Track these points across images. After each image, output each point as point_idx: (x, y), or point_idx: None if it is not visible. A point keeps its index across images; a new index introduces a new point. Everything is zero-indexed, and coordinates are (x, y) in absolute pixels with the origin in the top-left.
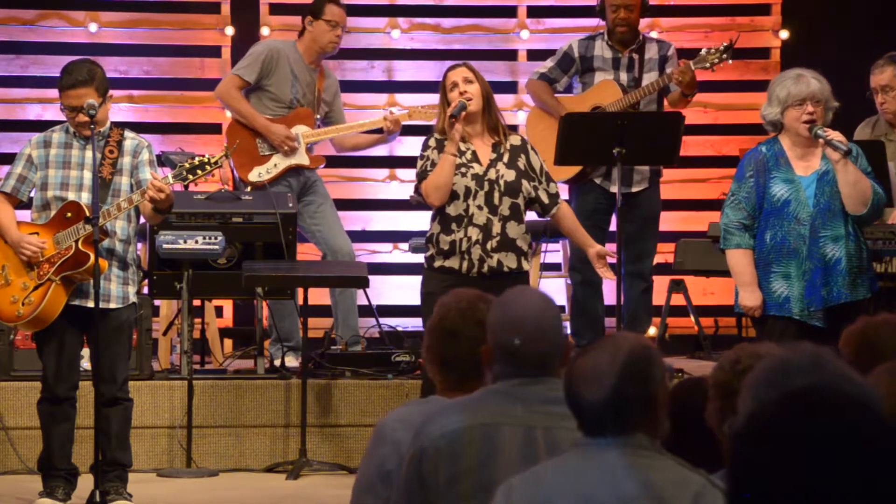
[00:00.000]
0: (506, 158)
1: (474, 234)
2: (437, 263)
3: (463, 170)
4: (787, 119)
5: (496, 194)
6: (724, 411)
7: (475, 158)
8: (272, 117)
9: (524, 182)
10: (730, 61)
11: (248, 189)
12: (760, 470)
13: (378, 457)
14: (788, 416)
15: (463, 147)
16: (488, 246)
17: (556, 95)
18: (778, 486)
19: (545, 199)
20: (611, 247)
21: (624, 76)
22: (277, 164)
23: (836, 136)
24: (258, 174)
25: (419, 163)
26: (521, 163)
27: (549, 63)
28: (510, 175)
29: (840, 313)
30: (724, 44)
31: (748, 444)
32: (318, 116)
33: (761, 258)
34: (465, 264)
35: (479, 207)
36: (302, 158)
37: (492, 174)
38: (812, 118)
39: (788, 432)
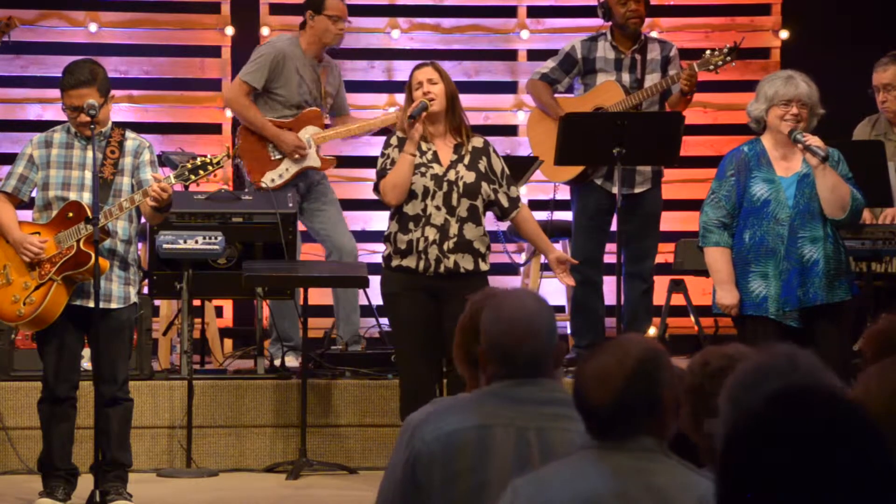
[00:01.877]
0: (466, 160)
1: (431, 234)
2: (395, 262)
3: (423, 169)
4: (770, 117)
5: (455, 195)
6: (696, 414)
7: (436, 159)
8: (281, 121)
9: (484, 184)
10: (733, 63)
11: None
12: (747, 472)
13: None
14: (769, 418)
15: (424, 147)
16: (445, 247)
17: (558, 96)
18: (765, 487)
19: (504, 203)
20: (612, 247)
21: (626, 77)
22: (289, 168)
23: (814, 141)
24: (271, 179)
25: (379, 160)
26: (482, 165)
27: (550, 63)
28: (470, 177)
29: (816, 315)
30: (728, 46)
31: (733, 447)
32: (326, 113)
33: (740, 257)
34: (421, 264)
35: (437, 208)
36: (313, 161)
37: (451, 175)
38: (796, 119)
39: (770, 434)
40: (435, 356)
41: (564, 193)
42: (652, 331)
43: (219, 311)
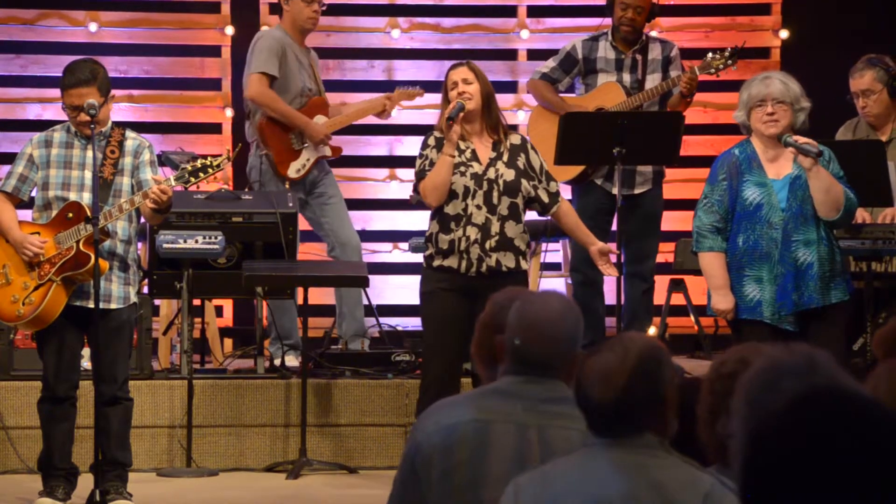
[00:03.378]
0: (505, 157)
1: (473, 233)
2: (436, 262)
3: (462, 169)
4: (751, 121)
5: (495, 194)
6: (713, 413)
7: (474, 157)
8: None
9: (523, 181)
10: (734, 67)
11: (286, 185)
12: (773, 472)
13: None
14: (799, 418)
15: (462, 146)
16: (487, 245)
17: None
18: (792, 487)
19: (545, 199)
20: (613, 247)
21: (627, 77)
22: (309, 157)
23: (805, 141)
24: (296, 170)
25: (418, 161)
26: (521, 162)
27: (550, 63)
28: (509, 174)
29: (812, 317)
30: (730, 49)
31: (760, 447)
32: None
33: (734, 261)
34: (463, 263)
35: (478, 207)
36: (327, 150)
37: (491, 173)
38: (773, 118)
39: (798, 435)
40: (461, 358)
41: (565, 193)
42: (652, 330)
43: (219, 311)
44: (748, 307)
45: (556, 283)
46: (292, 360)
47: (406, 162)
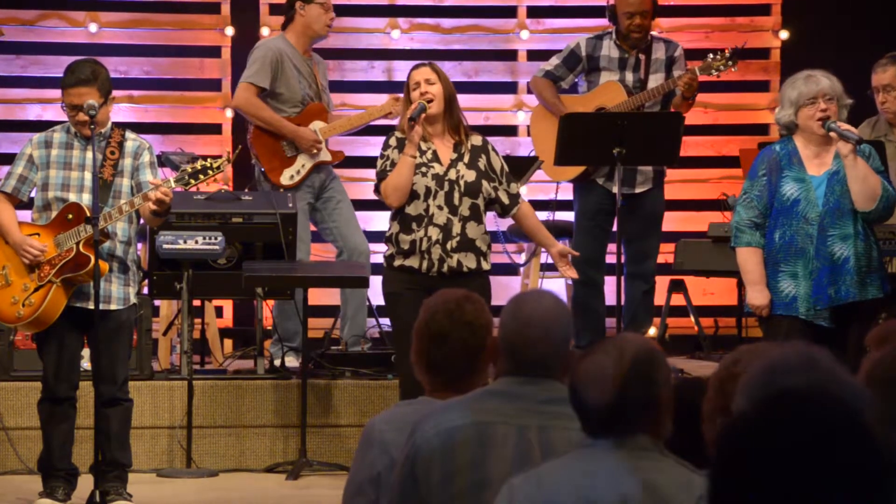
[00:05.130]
0: (466, 159)
1: (434, 233)
2: (397, 262)
3: (423, 169)
4: (800, 119)
5: (456, 194)
6: (716, 411)
7: (436, 158)
8: (289, 118)
9: (484, 182)
10: (734, 69)
11: (281, 191)
12: (742, 470)
13: (367, 459)
14: (772, 416)
15: (424, 146)
16: (448, 246)
17: (559, 95)
18: (759, 485)
19: (505, 200)
20: (614, 247)
21: (630, 76)
22: (305, 164)
23: (847, 127)
24: (290, 176)
25: (379, 162)
26: (482, 163)
27: (554, 60)
28: (470, 175)
29: (847, 313)
30: (731, 49)
31: (731, 444)
32: (329, 109)
33: (770, 257)
34: (424, 264)
35: (440, 207)
36: (325, 155)
37: (452, 174)
38: (826, 114)
39: (771, 433)
40: None
41: (566, 193)
42: (652, 331)
43: (219, 312)
44: (783, 303)
45: (557, 284)
46: (292, 361)
47: None
